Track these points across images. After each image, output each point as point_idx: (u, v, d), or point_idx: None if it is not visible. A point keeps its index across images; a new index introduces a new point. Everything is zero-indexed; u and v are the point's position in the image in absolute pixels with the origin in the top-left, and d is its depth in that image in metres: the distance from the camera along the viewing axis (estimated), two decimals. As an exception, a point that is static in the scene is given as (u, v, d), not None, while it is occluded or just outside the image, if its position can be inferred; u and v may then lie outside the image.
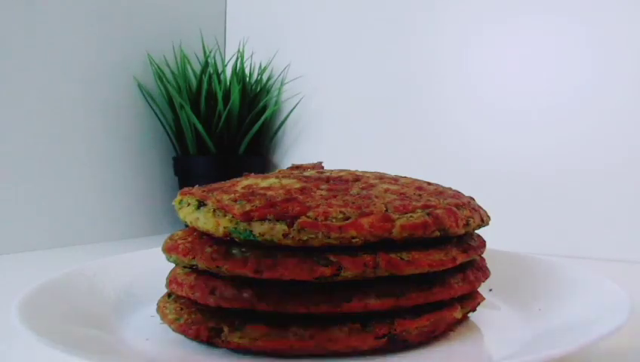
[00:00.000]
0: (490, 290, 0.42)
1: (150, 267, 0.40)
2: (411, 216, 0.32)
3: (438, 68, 0.81)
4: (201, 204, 0.34)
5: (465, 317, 0.37)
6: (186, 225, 0.35)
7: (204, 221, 0.33)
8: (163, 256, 0.36)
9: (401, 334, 0.32)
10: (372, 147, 0.88)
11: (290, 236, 0.30)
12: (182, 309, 0.34)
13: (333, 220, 0.30)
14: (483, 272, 0.37)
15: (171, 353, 0.33)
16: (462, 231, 0.33)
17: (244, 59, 0.98)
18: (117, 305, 0.40)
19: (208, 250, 0.32)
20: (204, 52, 0.96)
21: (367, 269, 0.30)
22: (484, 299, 0.38)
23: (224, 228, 0.31)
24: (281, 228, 0.30)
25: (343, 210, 0.31)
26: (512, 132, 0.74)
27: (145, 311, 0.39)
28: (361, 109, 0.90)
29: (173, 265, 0.37)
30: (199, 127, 0.90)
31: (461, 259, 0.34)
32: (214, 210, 0.32)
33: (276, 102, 1.00)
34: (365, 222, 0.30)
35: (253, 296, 0.31)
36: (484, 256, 0.38)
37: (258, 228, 0.30)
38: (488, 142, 0.76)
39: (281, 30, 1.01)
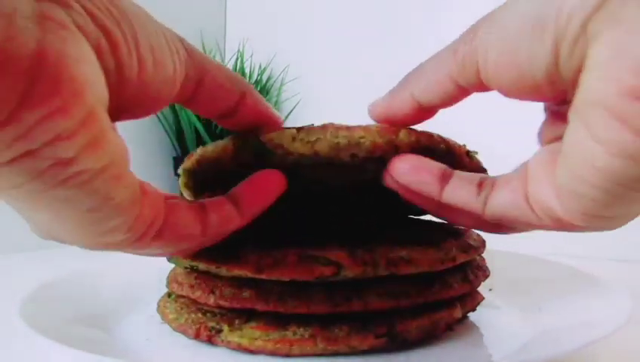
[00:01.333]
0: (490, 290, 0.42)
1: (150, 267, 0.40)
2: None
3: (438, 68, 0.81)
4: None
5: (465, 317, 0.37)
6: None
7: (213, 148, 0.31)
8: (163, 256, 0.36)
9: (400, 333, 0.32)
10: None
11: (299, 138, 0.29)
12: (182, 309, 0.34)
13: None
14: (483, 272, 0.37)
15: (171, 353, 0.33)
16: (465, 157, 0.32)
17: (244, 60, 0.98)
18: (117, 305, 0.40)
19: (208, 250, 0.32)
20: (204, 52, 0.96)
21: (367, 269, 0.30)
22: (483, 298, 0.38)
23: (233, 144, 0.30)
24: (289, 132, 0.29)
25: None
26: (511, 131, 0.74)
27: (145, 311, 0.39)
28: (361, 109, 0.90)
29: (173, 265, 0.37)
30: (199, 127, 0.90)
31: (461, 258, 0.34)
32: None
33: (276, 103, 1.00)
34: (373, 125, 0.31)
35: (253, 295, 0.31)
36: (484, 255, 0.38)
37: (267, 136, 0.29)
38: (488, 141, 0.76)
39: (280, 31, 1.01)
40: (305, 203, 0.35)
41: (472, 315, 0.38)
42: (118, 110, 0.25)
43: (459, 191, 0.28)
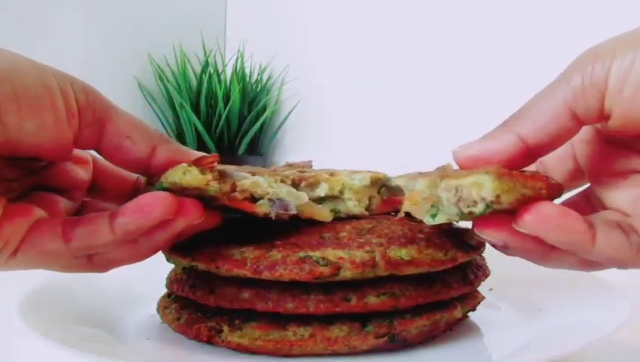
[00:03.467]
0: (491, 290, 0.42)
1: (150, 267, 0.40)
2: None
3: (437, 67, 0.81)
4: None
5: (465, 317, 0.37)
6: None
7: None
8: (163, 256, 0.36)
9: (401, 333, 0.32)
10: (372, 146, 0.88)
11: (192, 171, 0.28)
12: (182, 309, 0.34)
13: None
14: (483, 271, 0.37)
15: (171, 353, 0.33)
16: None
17: (245, 59, 0.98)
18: (117, 304, 0.40)
19: (207, 251, 0.32)
20: (205, 52, 0.96)
21: (366, 269, 0.30)
22: (484, 298, 0.37)
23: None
24: (181, 167, 0.28)
25: None
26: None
27: (145, 311, 0.39)
28: (360, 109, 0.90)
29: (173, 265, 0.37)
30: (199, 126, 0.90)
31: (461, 258, 0.34)
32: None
33: (276, 102, 1.00)
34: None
35: (253, 296, 0.31)
36: (484, 255, 0.38)
37: (163, 175, 0.28)
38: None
39: (281, 30, 1.01)
40: None
41: (472, 315, 0.38)
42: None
43: (612, 241, 0.25)
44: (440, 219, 0.28)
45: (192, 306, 0.34)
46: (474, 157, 0.28)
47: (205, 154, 0.30)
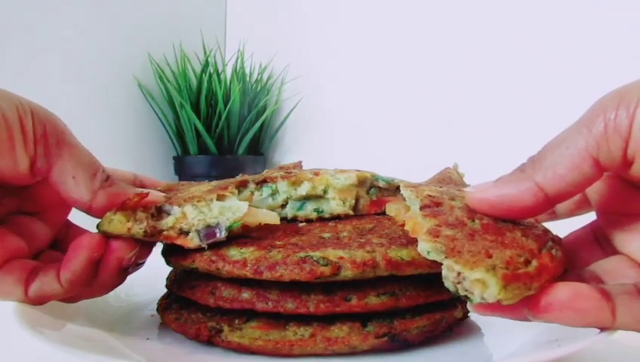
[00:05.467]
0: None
1: (150, 267, 0.40)
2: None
3: (437, 67, 0.81)
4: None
5: (465, 317, 0.37)
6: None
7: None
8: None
9: (401, 333, 0.32)
10: (372, 146, 0.88)
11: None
12: (182, 309, 0.34)
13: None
14: (483, 272, 0.37)
15: (171, 353, 0.33)
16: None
17: (245, 59, 0.98)
18: (117, 305, 0.40)
19: (207, 253, 0.32)
20: (205, 51, 0.96)
21: (367, 269, 0.30)
22: (484, 298, 0.37)
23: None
24: (108, 216, 0.31)
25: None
26: (507, 131, 0.74)
27: (145, 311, 0.39)
28: (361, 109, 0.90)
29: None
30: (199, 126, 0.90)
31: (461, 258, 0.34)
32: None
33: (276, 102, 1.00)
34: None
35: (253, 296, 0.31)
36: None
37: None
38: (488, 139, 0.76)
39: (281, 30, 1.01)
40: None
41: (472, 315, 0.38)
42: None
43: (634, 313, 0.24)
44: (433, 257, 0.27)
45: (192, 306, 0.34)
46: (489, 204, 0.27)
47: (140, 190, 0.32)
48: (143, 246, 0.32)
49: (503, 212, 0.27)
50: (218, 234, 0.32)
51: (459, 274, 0.25)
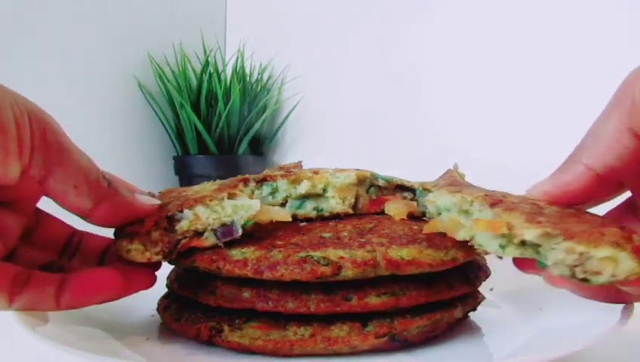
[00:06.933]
0: (491, 289, 0.42)
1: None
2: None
3: (437, 67, 0.81)
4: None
5: (465, 317, 0.37)
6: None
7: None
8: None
9: (401, 333, 0.32)
10: (373, 146, 0.88)
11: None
12: (182, 309, 0.34)
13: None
14: (483, 271, 0.37)
15: (171, 353, 0.33)
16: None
17: (245, 59, 0.98)
18: (117, 305, 0.40)
19: (208, 252, 0.32)
20: (205, 51, 0.96)
21: (367, 269, 0.30)
22: (484, 298, 0.37)
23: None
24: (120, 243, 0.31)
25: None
26: (507, 133, 0.74)
27: (145, 311, 0.39)
28: (362, 108, 0.90)
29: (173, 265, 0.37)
30: (199, 126, 0.90)
31: (462, 258, 0.34)
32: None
33: (276, 102, 1.00)
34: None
35: (253, 295, 0.31)
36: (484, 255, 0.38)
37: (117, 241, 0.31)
38: (488, 139, 0.76)
39: (281, 30, 1.01)
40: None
41: (472, 315, 0.38)
42: None
43: None
44: (510, 253, 0.27)
45: (192, 306, 0.34)
46: (550, 195, 0.28)
47: (144, 203, 0.31)
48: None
49: (564, 199, 0.28)
50: (235, 232, 0.32)
51: (581, 254, 0.24)
